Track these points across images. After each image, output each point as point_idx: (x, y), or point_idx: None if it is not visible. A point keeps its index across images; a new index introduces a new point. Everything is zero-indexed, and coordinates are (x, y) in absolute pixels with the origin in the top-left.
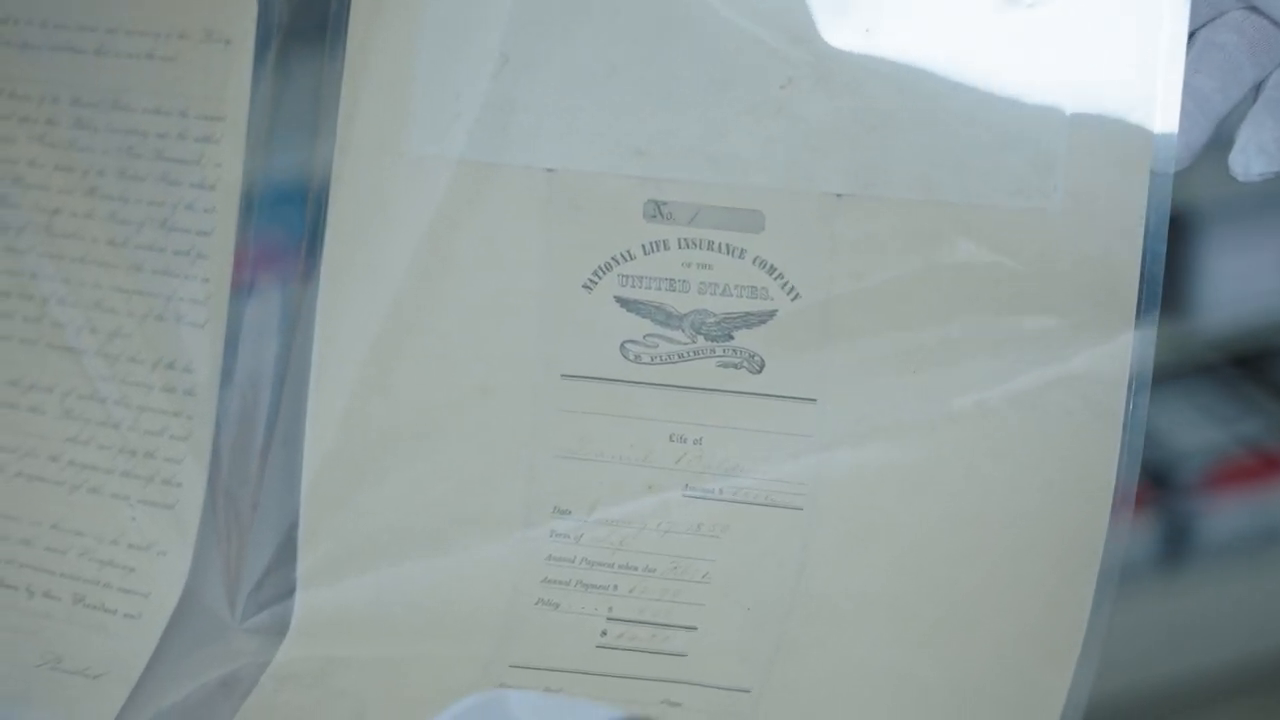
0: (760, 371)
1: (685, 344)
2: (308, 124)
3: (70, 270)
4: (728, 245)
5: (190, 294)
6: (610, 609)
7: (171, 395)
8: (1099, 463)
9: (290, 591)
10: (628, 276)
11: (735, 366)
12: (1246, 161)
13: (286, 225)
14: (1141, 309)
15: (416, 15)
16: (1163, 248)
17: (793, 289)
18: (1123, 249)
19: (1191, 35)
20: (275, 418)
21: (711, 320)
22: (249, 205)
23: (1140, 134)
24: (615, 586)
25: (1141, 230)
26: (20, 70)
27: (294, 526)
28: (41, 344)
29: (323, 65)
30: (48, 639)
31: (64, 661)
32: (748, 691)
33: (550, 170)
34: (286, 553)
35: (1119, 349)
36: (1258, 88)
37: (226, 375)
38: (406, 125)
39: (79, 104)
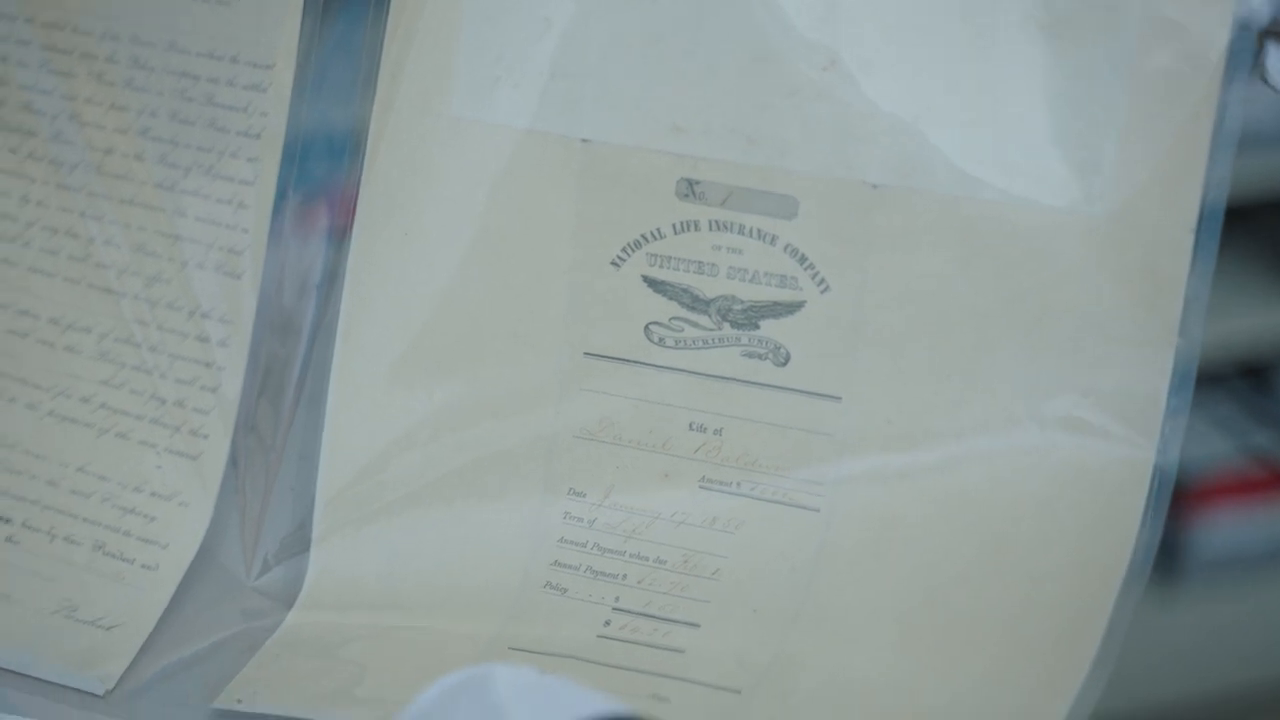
0: (785, 364)
1: (711, 330)
2: (351, 79)
3: (118, 211)
4: (759, 230)
5: (230, 243)
6: (617, 599)
7: (205, 345)
8: (1129, 486)
9: (305, 555)
10: (656, 256)
11: (760, 357)
12: None
13: (326, 180)
14: (1184, 327)
15: None
16: (1211, 265)
17: (823, 280)
18: (1169, 263)
19: None
20: (305, 374)
21: (739, 308)
22: (291, 157)
23: (1197, 143)
24: (624, 576)
25: (1190, 245)
26: (85, 4)
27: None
28: (84, 284)
29: (368, 21)
30: (65, 586)
31: (79, 610)
32: (738, 693)
33: (586, 141)
34: (306, 515)
35: (1157, 369)
36: None
37: (260, 328)
38: (447, 86)
39: (138, 42)
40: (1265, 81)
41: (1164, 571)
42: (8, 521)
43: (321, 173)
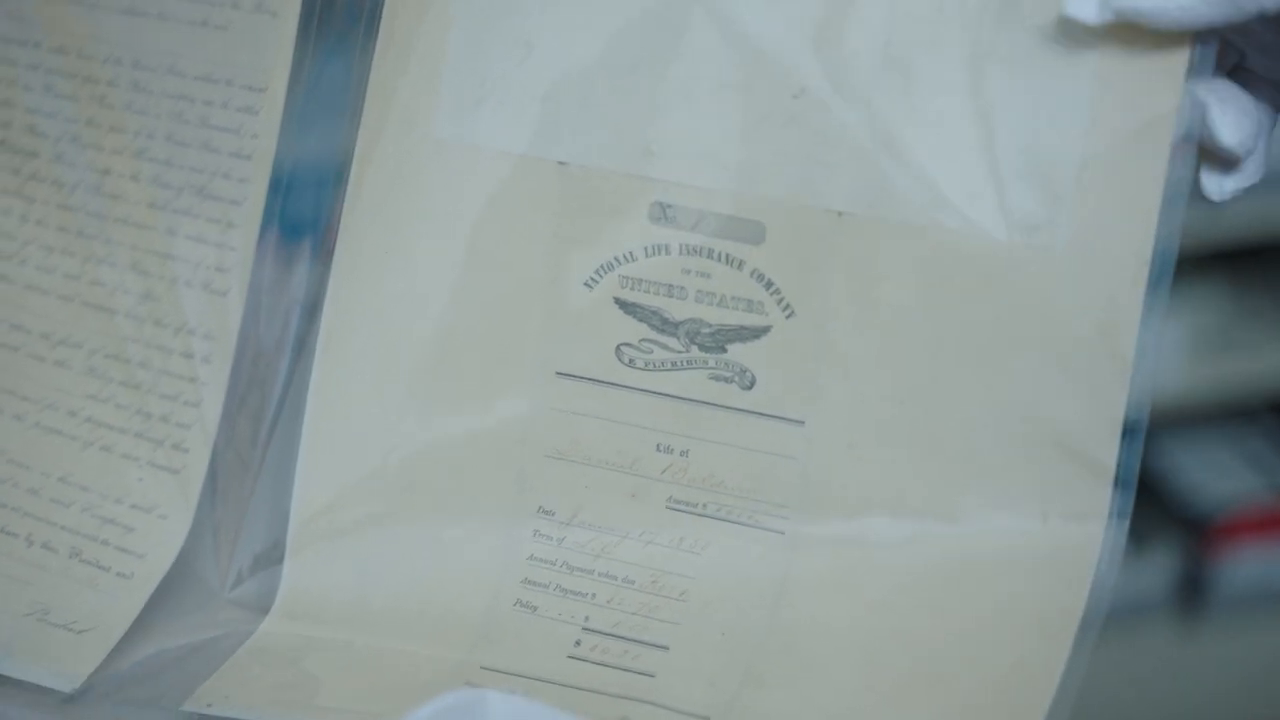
0: (751, 388)
1: (679, 352)
2: (340, 102)
3: (113, 230)
4: (727, 255)
5: (217, 262)
6: (587, 618)
7: (189, 361)
8: (1087, 517)
9: (279, 569)
10: (628, 278)
11: (726, 380)
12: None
13: (312, 200)
14: (1138, 361)
15: (447, 1)
16: (1164, 299)
17: (788, 306)
18: (1125, 297)
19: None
20: (286, 392)
21: (706, 331)
22: (278, 178)
23: (1152, 176)
24: (594, 595)
25: (1145, 279)
26: (88, 30)
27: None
28: (78, 301)
29: (357, 45)
30: (39, 590)
31: (51, 614)
32: (707, 719)
33: (563, 164)
34: (281, 530)
35: (1111, 399)
36: None
37: (242, 346)
38: (432, 108)
39: (139, 67)
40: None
41: (1190, 606)
42: None
43: (309, 193)
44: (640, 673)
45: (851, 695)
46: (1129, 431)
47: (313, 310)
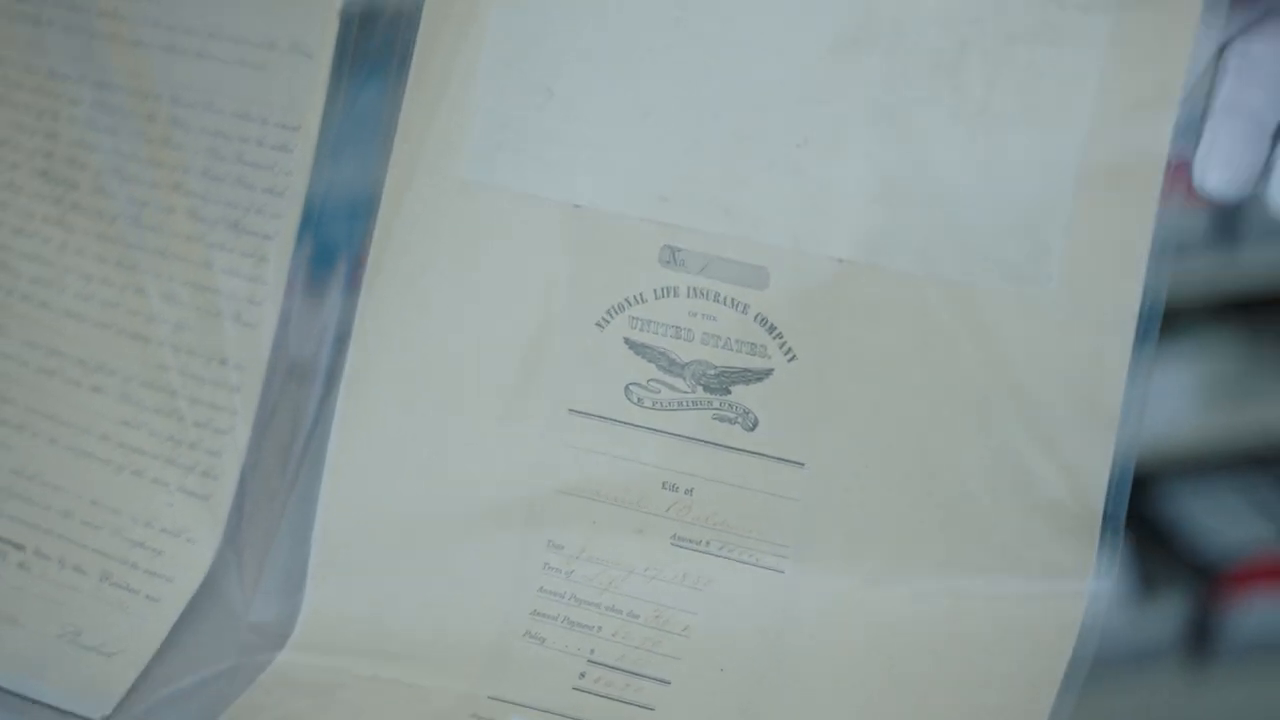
0: (754, 429)
1: (685, 393)
2: (370, 141)
3: (149, 261)
4: (733, 299)
5: (249, 294)
6: (592, 651)
7: (220, 390)
8: (1074, 565)
9: (301, 595)
10: (638, 319)
11: (730, 421)
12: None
13: (343, 236)
14: (1125, 414)
15: (477, 46)
16: (1150, 352)
17: (790, 350)
18: (1112, 347)
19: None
20: (315, 423)
21: (711, 372)
22: (310, 214)
23: (1140, 227)
24: (600, 628)
25: (1132, 332)
26: (129, 66)
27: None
28: (113, 329)
29: (389, 87)
30: (71, 612)
31: (83, 636)
32: None
33: (578, 206)
34: (305, 555)
35: (1097, 452)
36: None
37: (271, 375)
38: (458, 149)
39: (177, 103)
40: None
41: (1199, 653)
42: (20, 548)
43: (338, 229)
44: (641, 706)
45: None
46: (1115, 483)
47: (341, 341)
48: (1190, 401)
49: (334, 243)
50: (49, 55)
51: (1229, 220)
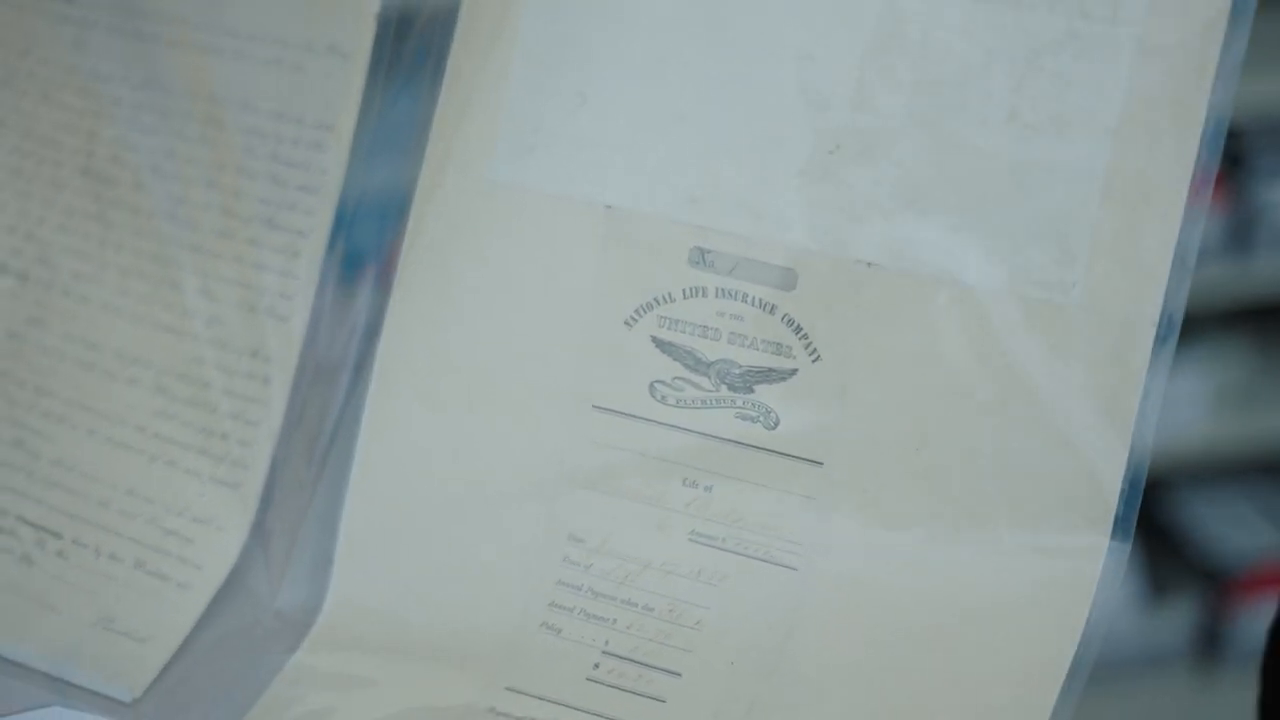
0: (775, 428)
1: (709, 391)
2: (404, 140)
3: (185, 257)
4: (760, 300)
5: (281, 289)
6: (607, 642)
7: (252, 382)
8: (1084, 566)
9: (327, 584)
10: (666, 318)
11: (752, 420)
12: None
13: (375, 233)
14: (1140, 419)
15: (511, 50)
16: (1168, 359)
17: (815, 351)
18: (1132, 355)
19: None
20: (343, 415)
21: (736, 371)
22: (343, 211)
23: (1163, 237)
24: (615, 620)
25: (1151, 339)
26: (172, 67)
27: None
28: (149, 323)
29: (424, 88)
30: (106, 599)
31: (116, 622)
32: None
33: (609, 207)
34: (332, 545)
35: (1112, 455)
36: None
37: (303, 369)
38: (490, 151)
39: (215, 102)
40: None
41: (1208, 658)
42: (59, 537)
43: (371, 228)
44: (652, 698)
45: None
46: (1128, 487)
47: (372, 336)
48: (1201, 408)
49: (366, 241)
50: (92, 56)
51: (1241, 228)
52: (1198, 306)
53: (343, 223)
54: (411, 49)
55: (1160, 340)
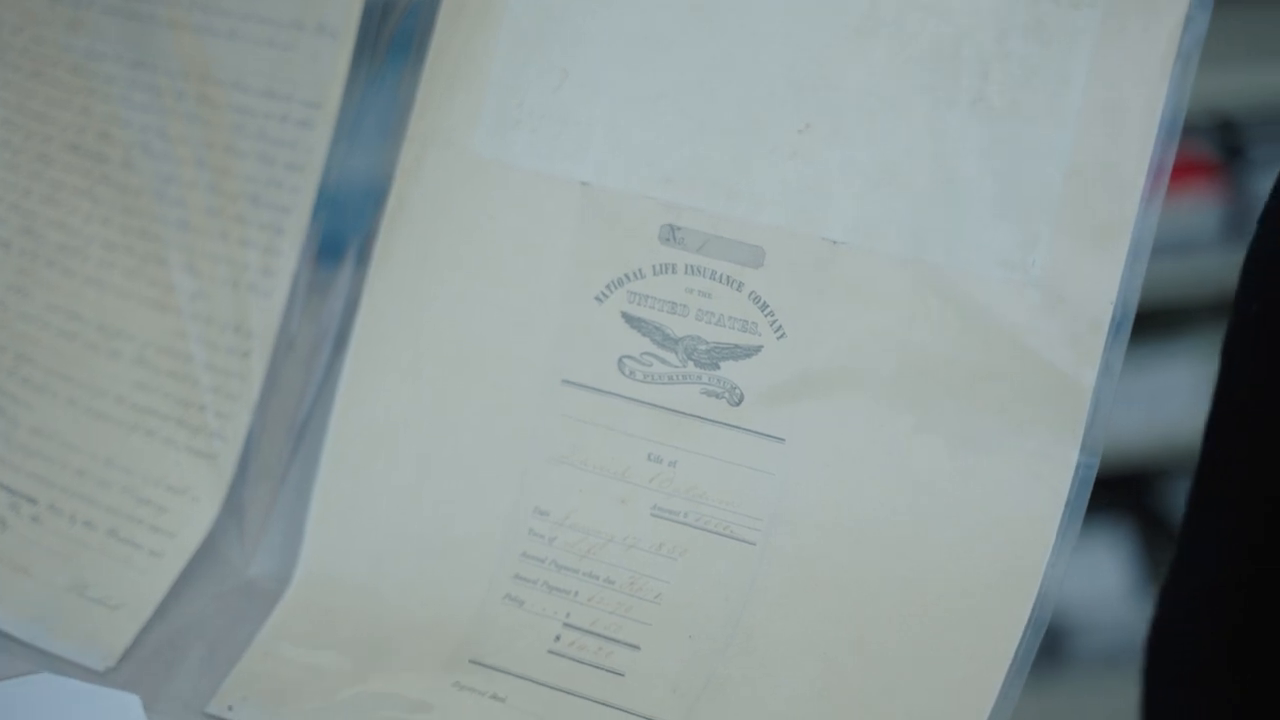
0: (739, 404)
1: (676, 367)
2: (387, 118)
3: (170, 233)
4: (728, 277)
5: (264, 264)
6: (568, 615)
7: (232, 356)
8: (1035, 541)
9: (299, 553)
10: (636, 294)
11: (717, 396)
12: None
13: (357, 209)
14: (1095, 399)
15: (495, 27)
16: (1123, 342)
17: (780, 328)
18: (1088, 338)
19: None
20: (321, 387)
21: (703, 348)
22: (325, 190)
23: (1121, 221)
24: (576, 593)
25: (1108, 319)
26: (166, 46)
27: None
28: (134, 298)
29: (408, 66)
30: (79, 566)
31: (90, 589)
32: None
33: (585, 184)
34: (304, 516)
35: (1067, 436)
36: None
37: (282, 343)
38: (473, 126)
39: (206, 81)
40: None
41: None
42: (34, 502)
43: (353, 204)
44: (612, 671)
45: (810, 703)
46: (1079, 478)
47: (350, 311)
48: (1194, 399)
49: (348, 218)
50: (87, 35)
51: (1239, 220)
52: (1194, 297)
53: (325, 201)
54: (396, 28)
55: (1117, 325)
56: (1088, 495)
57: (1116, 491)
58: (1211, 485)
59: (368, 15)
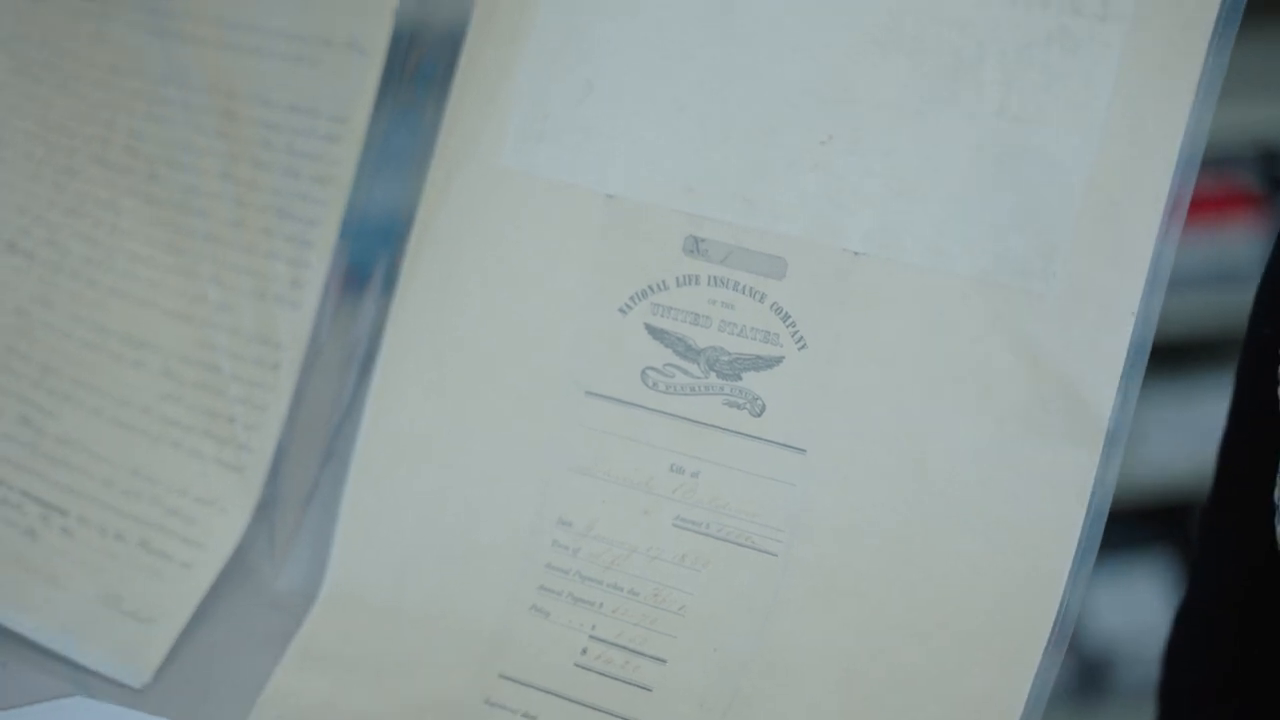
0: (761, 415)
1: (699, 378)
2: (416, 134)
3: (196, 245)
4: (750, 288)
5: (291, 277)
6: (594, 627)
7: (260, 368)
8: (1055, 553)
9: (327, 564)
10: (659, 306)
11: (739, 407)
12: None
13: (385, 223)
14: (1116, 415)
15: (523, 42)
16: (1144, 357)
17: (802, 339)
18: (1109, 346)
19: None
20: (351, 401)
21: (725, 359)
22: (355, 201)
23: (1142, 233)
24: (601, 604)
25: (1128, 331)
26: (191, 61)
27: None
28: (158, 308)
29: (436, 81)
30: (111, 577)
31: (123, 601)
32: None
33: (610, 196)
34: (332, 528)
35: (1088, 447)
36: None
37: (311, 356)
38: (501, 139)
39: (233, 96)
40: None
41: None
42: (65, 514)
43: (382, 217)
44: (640, 686)
45: (830, 715)
46: (1099, 489)
47: (379, 326)
48: None
49: (378, 232)
50: (111, 50)
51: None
52: (1235, 329)
53: (355, 213)
54: (428, 41)
55: (1136, 334)
56: (1108, 505)
57: (1159, 523)
58: (1223, 506)
59: (396, 40)
